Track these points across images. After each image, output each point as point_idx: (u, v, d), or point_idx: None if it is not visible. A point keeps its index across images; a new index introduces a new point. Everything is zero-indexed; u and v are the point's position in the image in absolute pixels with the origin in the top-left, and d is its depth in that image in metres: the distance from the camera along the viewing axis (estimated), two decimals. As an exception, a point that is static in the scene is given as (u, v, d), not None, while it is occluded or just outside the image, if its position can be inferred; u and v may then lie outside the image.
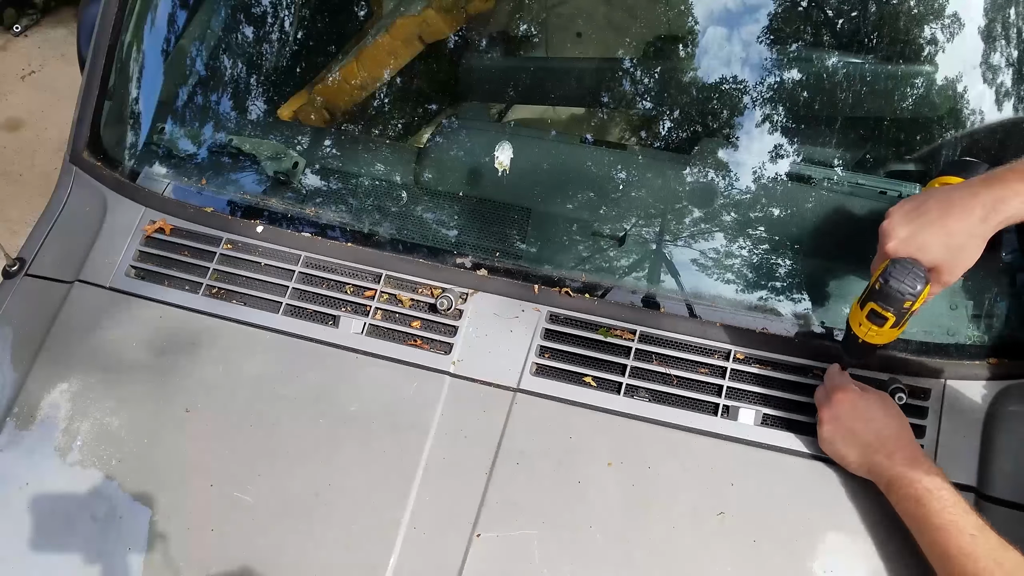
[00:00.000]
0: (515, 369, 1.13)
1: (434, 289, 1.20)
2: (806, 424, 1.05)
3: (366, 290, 1.22)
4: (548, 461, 1.07)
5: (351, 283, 1.23)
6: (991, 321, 1.10)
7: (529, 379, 1.12)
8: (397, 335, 1.18)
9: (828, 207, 1.17)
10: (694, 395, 1.09)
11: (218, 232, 1.30)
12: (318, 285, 1.23)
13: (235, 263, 1.27)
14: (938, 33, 1.16)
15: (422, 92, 1.49)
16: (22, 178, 3.38)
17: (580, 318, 1.15)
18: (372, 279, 1.22)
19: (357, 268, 1.23)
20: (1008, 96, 1.13)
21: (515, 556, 1.02)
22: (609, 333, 1.13)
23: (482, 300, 1.18)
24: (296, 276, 1.24)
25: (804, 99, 1.21)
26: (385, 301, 1.20)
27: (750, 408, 1.07)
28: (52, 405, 1.21)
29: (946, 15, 1.16)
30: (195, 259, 1.28)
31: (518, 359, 1.13)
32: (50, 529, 1.12)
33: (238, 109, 1.47)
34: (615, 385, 1.11)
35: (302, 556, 1.05)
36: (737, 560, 0.99)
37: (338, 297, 1.22)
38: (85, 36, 1.54)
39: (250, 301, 1.24)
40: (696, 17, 1.28)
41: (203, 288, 1.25)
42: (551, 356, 1.14)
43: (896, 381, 1.05)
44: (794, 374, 1.09)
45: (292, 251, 1.26)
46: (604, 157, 1.29)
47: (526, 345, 1.14)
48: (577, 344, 1.14)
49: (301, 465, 1.11)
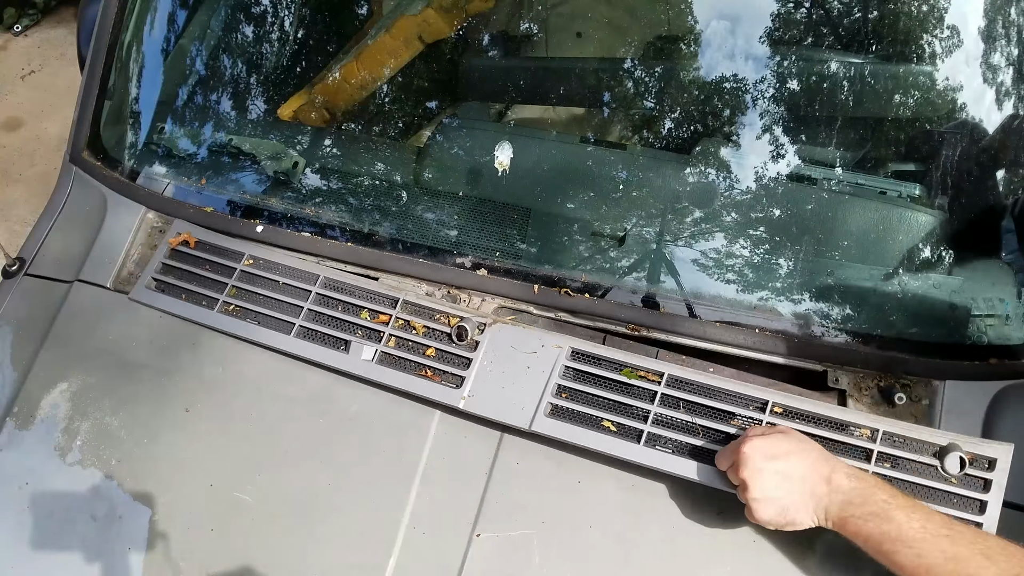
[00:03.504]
0: (529, 409, 1.07)
1: (451, 318, 1.15)
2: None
3: (380, 314, 1.17)
4: (549, 463, 1.07)
5: (367, 307, 1.18)
6: (991, 321, 1.09)
7: (542, 420, 1.05)
8: (409, 364, 1.13)
9: (828, 207, 1.17)
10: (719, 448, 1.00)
11: (240, 248, 1.26)
12: (333, 307, 1.19)
13: (254, 280, 1.24)
14: (938, 33, 1.16)
15: (422, 92, 1.49)
16: (22, 178, 3.38)
17: (604, 357, 1.08)
18: (388, 304, 1.18)
19: (374, 292, 1.19)
20: (1008, 96, 1.13)
21: (515, 556, 1.02)
22: (634, 375, 1.05)
23: (501, 332, 1.12)
24: (312, 297, 1.20)
25: (804, 99, 1.20)
26: (400, 327, 1.15)
27: None
28: (52, 405, 1.21)
29: (947, 15, 1.15)
30: (215, 274, 1.25)
31: (532, 398, 1.07)
32: (50, 529, 1.12)
33: (238, 109, 1.47)
34: (635, 433, 1.03)
35: (302, 556, 1.05)
36: (737, 560, 0.99)
37: (352, 321, 1.17)
38: (85, 36, 1.54)
39: (264, 321, 1.20)
40: (696, 17, 1.28)
41: (219, 304, 1.22)
42: (568, 397, 1.07)
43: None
44: (838, 432, 0.99)
45: (310, 272, 1.22)
46: (604, 157, 1.28)
47: (542, 383, 1.07)
48: (599, 385, 1.07)
49: (301, 465, 1.11)
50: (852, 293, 1.12)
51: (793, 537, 0.99)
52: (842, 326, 1.11)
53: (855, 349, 1.08)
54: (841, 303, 1.13)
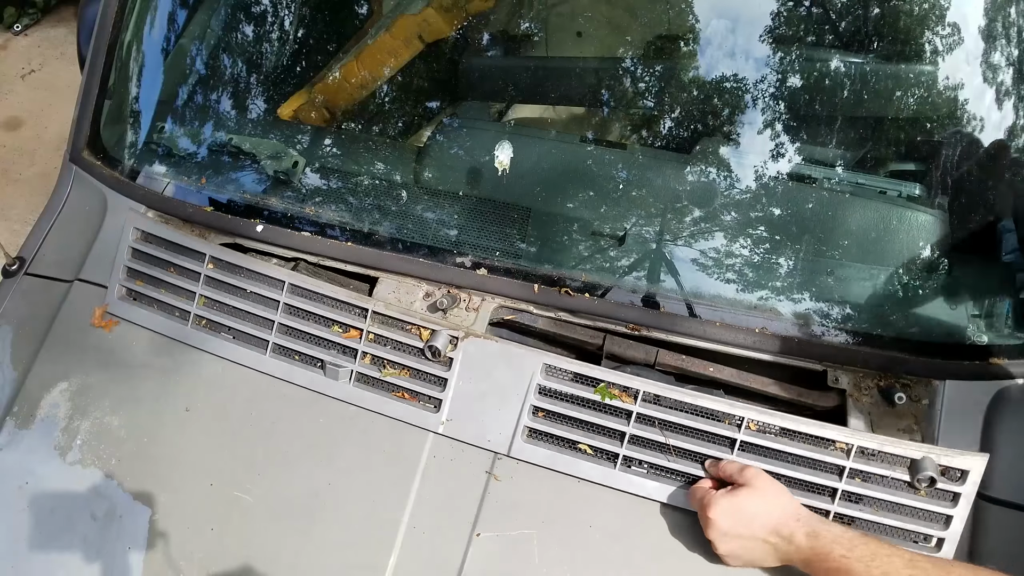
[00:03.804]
0: (506, 433, 1.07)
1: (423, 330, 1.14)
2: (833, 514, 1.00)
3: (352, 328, 1.15)
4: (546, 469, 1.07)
5: (337, 319, 1.16)
6: (991, 321, 1.09)
7: (520, 445, 1.07)
8: (385, 385, 1.13)
9: (828, 207, 1.17)
10: (696, 471, 1.02)
11: (200, 248, 1.24)
12: (304, 319, 1.17)
13: (221, 287, 1.22)
14: (939, 33, 1.16)
15: (422, 91, 1.49)
16: (22, 178, 3.38)
17: (578, 373, 1.08)
18: (359, 315, 1.16)
19: (342, 302, 1.17)
20: (1008, 96, 1.13)
21: (515, 556, 1.02)
22: (607, 393, 1.06)
23: (473, 346, 1.12)
24: (281, 307, 1.18)
25: (804, 99, 1.20)
26: (372, 341, 1.14)
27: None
28: (52, 404, 1.21)
29: (947, 15, 1.15)
30: (181, 279, 1.24)
31: (509, 422, 1.08)
32: (50, 529, 1.12)
33: (238, 108, 1.47)
34: (611, 456, 1.05)
35: (302, 556, 1.05)
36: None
37: (325, 337, 1.16)
38: (85, 35, 1.54)
39: (238, 336, 1.19)
40: (696, 16, 1.28)
41: (192, 319, 1.21)
42: (545, 417, 1.08)
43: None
44: (813, 448, 1.01)
45: (275, 277, 1.20)
46: (604, 157, 1.28)
47: (519, 404, 1.08)
48: (574, 404, 1.08)
49: (301, 464, 1.11)
50: (852, 293, 1.12)
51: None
52: (842, 326, 1.11)
53: (855, 349, 1.08)
54: (841, 303, 1.13)
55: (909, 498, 0.98)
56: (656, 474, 1.04)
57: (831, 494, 1.00)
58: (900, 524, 0.98)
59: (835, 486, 0.99)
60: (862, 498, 1.00)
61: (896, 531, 0.99)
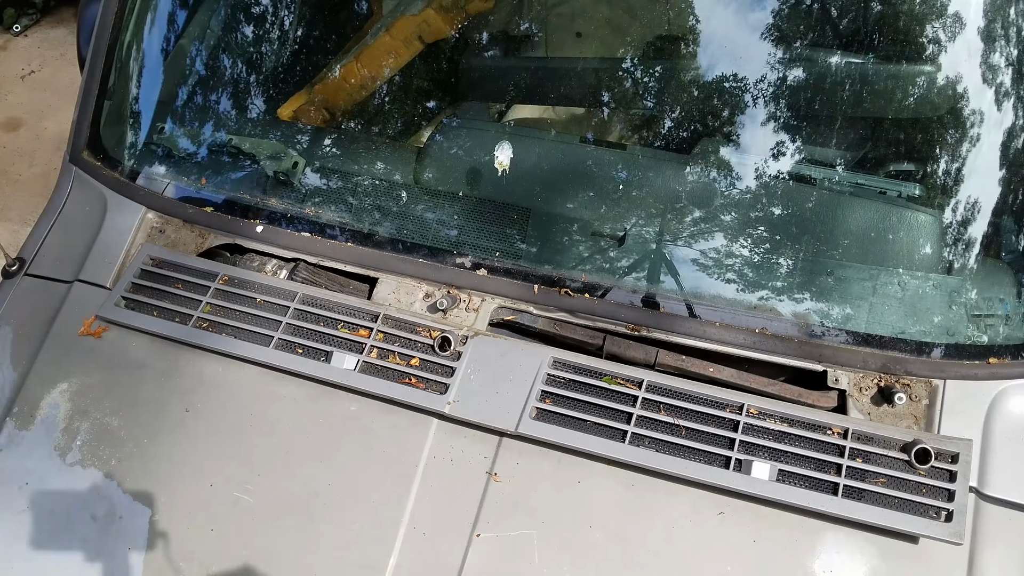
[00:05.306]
0: (514, 412, 1.08)
1: (433, 331, 1.15)
2: (822, 481, 1.01)
3: (361, 328, 1.17)
4: (548, 463, 1.07)
5: (347, 320, 1.17)
6: (991, 321, 1.10)
7: (528, 423, 1.07)
8: (392, 373, 1.13)
9: (828, 207, 1.17)
10: (703, 447, 1.03)
11: (214, 268, 1.25)
12: (313, 321, 1.18)
13: (230, 298, 1.22)
14: (939, 33, 1.16)
15: (422, 92, 1.49)
16: (22, 178, 3.38)
17: (585, 366, 1.10)
18: (369, 318, 1.17)
19: (354, 308, 1.18)
20: (1008, 96, 1.13)
21: (515, 556, 1.02)
22: (614, 381, 1.08)
23: (483, 343, 1.14)
24: (291, 312, 1.19)
25: (804, 99, 1.20)
26: (382, 339, 1.16)
27: (764, 463, 1.02)
28: (52, 405, 1.20)
29: (947, 15, 1.15)
30: (189, 292, 1.24)
31: (517, 403, 1.08)
32: (50, 529, 1.12)
33: (238, 108, 1.47)
34: (619, 433, 1.05)
35: (302, 556, 1.05)
36: (735, 560, 0.99)
37: (333, 334, 1.17)
38: (85, 36, 1.54)
39: (240, 334, 1.19)
40: (696, 17, 1.28)
41: (193, 320, 1.21)
42: (553, 401, 1.09)
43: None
44: (812, 431, 1.03)
45: (288, 289, 1.21)
46: (604, 157, 1.29)
47: (526, 389, 1.09)
48: (581, 390, 1.09)
49: (301, 465, 1.11)
50: (852, 293, 1.12)
51: (792, 538, 0.99)
52: (842, 326, 1.11)
53: (855, 349, 1.09)
54: (841, 303, 1.13)
55: (910, 474, 1.00)
56: (665, 448, 1.04)
57: (836, 470, 1.00)
58: (909, 497, 0.99)
59: (839, 462, 1.01)
60: (866, 474, 1.01)
61: (906, 504, 0.99)
